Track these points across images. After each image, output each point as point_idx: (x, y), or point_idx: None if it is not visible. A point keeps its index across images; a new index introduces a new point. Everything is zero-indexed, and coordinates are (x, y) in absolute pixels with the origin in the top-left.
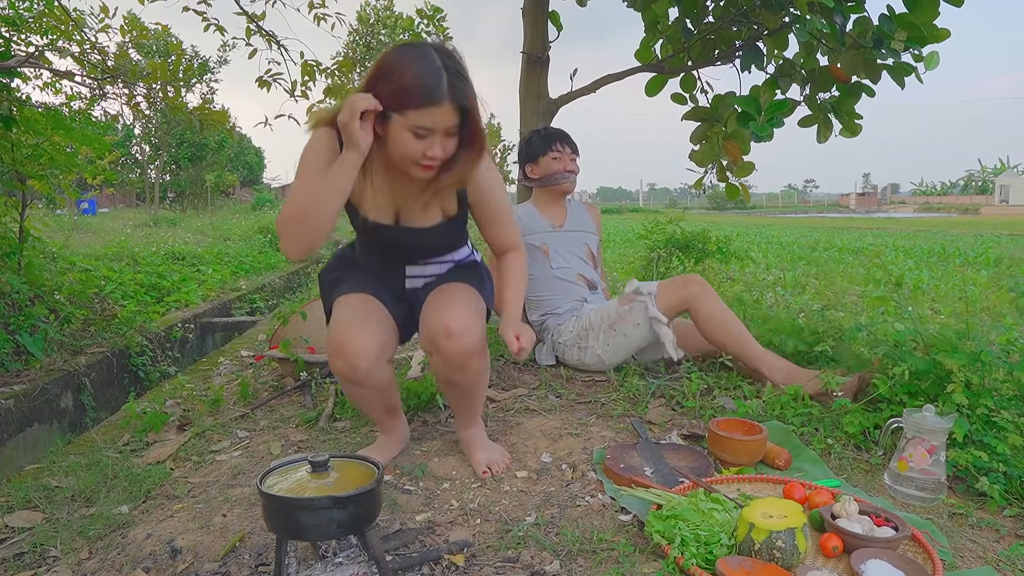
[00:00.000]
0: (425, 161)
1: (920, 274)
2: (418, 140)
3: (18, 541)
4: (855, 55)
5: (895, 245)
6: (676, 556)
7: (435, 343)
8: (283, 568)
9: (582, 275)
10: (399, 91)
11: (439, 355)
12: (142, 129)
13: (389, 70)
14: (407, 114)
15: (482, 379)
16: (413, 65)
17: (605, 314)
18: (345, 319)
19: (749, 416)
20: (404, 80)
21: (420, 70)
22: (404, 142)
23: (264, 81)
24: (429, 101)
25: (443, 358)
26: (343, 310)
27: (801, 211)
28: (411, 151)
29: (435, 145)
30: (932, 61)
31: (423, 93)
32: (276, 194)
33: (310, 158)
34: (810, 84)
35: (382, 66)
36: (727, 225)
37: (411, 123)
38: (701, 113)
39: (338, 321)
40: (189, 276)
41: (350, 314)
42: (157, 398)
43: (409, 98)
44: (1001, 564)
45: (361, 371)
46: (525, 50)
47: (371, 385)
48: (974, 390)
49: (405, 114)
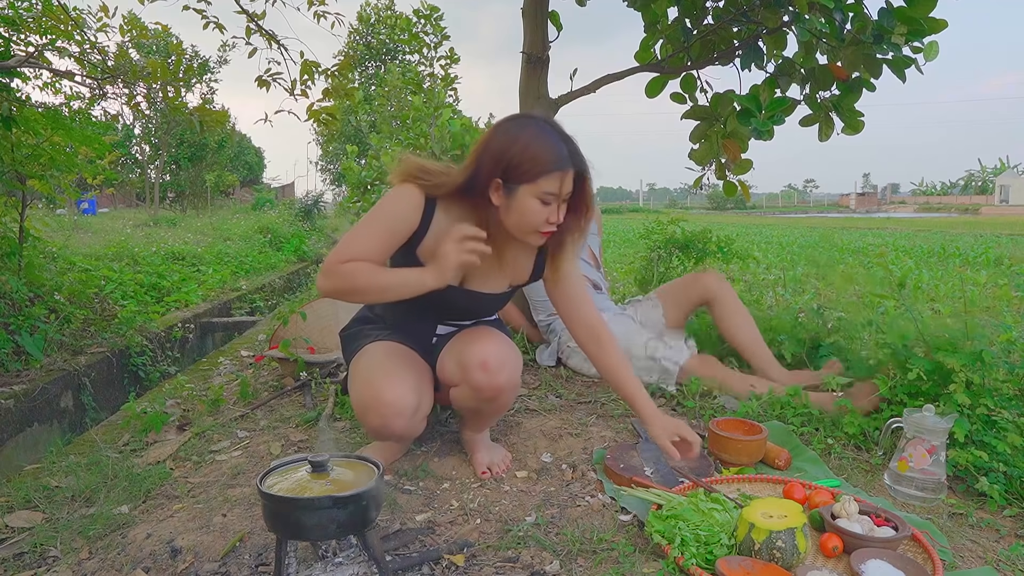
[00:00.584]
0: (546, 227)
1: (920, 274)
2: (543, 207)
3: (18, 541)
4: (855, 51)
5: (895, 245)
6: (676, 556)
7: (468, 375)
8: (283, 568)
9: (586, 276)
10: (528, 160)
11: (471, 387)
12: (142, 129)
13: (511, 141)
14: (537, 182)
15: (506, 408)
16: (539, 136)
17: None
18: (376, 367)
19: (749, 416)
20: (532, 150)
21: (547, 140)
22: (530, 210)
23: (264, 81)
24: (558, 168)
25: (476, 391)
26: (373, 357)
27: (801, 211)
28: (535, 218)
29: (555, 212)
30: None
31: (553, 160)
32: (276, 194)
33: (391, 215)
34: (810, 83)
35: (499, 139)
36: (727, 225)
37: (540, 190)
38: (700, 112)
39: (369, 369)
40: (189, 276)
41: (382, 362)
42: (157, 398)
43: (539, 166)
44: (1001, 564)
45: (397, 430)
46: (525, 50)
47: (403, 440)
48: (974, 390)
49: (536, 182)
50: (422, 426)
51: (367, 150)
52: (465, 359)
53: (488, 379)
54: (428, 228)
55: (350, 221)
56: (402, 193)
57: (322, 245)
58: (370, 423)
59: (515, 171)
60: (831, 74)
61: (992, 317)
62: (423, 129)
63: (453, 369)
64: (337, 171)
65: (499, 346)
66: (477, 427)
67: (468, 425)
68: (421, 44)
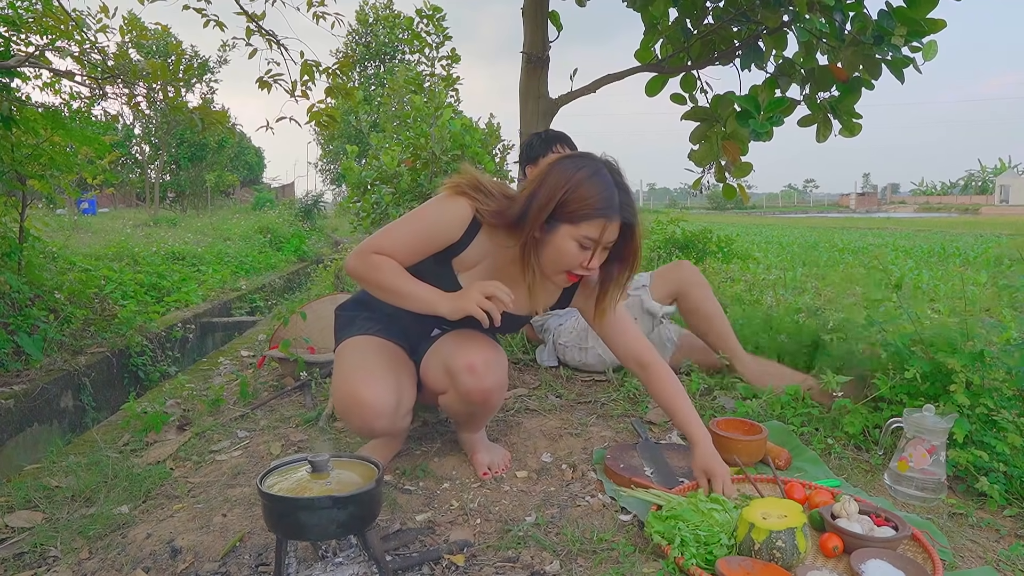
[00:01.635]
0: (579, 271)
1: (920, 274)
2: (580, 251)
3: (18, 541)
4: (855, 52)
5: (895, 245)
6: (676, 556)
7: (457, 380)
8: (283, 568)
9: None
10: (574, 200)
11: (458, 391)
12: (142, 129)
13: (564, 179)
14: (580, 224)
15: (496, 409)
16: (592, 178)
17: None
18: (356, 367)
19: (749, 416)
20: (581, 191)
21: (598, 184)
22: (566, 251)
23: (264, 82)
24: (603, 215)
25: (463, 394)
26: (353, 356)
27: (801, 211)
28: (570, 260)
29: (594, 257)
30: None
31: (600, 206)
32: (276, 194)
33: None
34: (810, 83)
35: (555, 175)
36: (727, 225)
37: (580, 233)
38: (700, 113)
39: (347, 369)
40: (189, 276)
41: (363, 359)
42: (157, 398)
43: (584, 209)
44: (1001, 564)
45: (379, 429)
46: (525, 50)
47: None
48: (974, 390)
49: (578, 224)
50: (406, 421)
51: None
52: (452, 364)
53: (476, 382)
54: (468, 243)
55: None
56: (452, 205)
57: (322, 245)
58: (352, 423)
59: (561, 209)
60: (831, 75)
61: (992, 317)
62: (424, 129)
63: (439, 375)
64: (337, 171)
65: (484, 349)
66: (472, 428)
67: (463, 427)
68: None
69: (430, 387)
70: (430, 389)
